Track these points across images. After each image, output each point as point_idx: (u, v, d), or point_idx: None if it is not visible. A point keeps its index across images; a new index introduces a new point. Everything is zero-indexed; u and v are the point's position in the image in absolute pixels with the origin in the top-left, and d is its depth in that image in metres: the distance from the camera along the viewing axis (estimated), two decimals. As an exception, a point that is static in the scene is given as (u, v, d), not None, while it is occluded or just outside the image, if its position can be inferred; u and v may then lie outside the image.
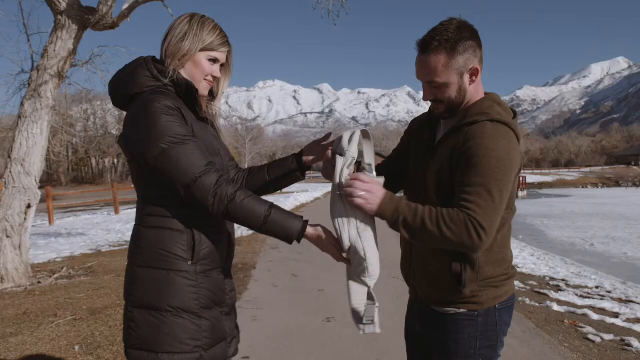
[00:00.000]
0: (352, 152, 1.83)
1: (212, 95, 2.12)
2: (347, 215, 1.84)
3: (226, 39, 2.00)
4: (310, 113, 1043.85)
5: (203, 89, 2.00)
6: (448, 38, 1.75)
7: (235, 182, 2.12)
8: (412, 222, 1.70)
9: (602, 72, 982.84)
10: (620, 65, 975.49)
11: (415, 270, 1.97)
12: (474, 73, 1.81)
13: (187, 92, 1.91)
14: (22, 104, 7.13)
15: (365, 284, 1.84)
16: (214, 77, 2.01)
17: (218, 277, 1.99)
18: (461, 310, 1.85)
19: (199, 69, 1.95)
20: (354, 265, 1.85)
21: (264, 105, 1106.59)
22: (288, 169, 2.18)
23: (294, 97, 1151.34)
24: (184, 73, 1.95)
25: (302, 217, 1.93)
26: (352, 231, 1.84)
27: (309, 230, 1.97)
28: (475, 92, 1.85)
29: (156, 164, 1.75)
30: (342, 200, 1.83)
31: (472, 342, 1.84)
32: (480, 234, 1.61)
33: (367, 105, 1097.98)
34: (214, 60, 1.98)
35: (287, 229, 1.88)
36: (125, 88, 1.90)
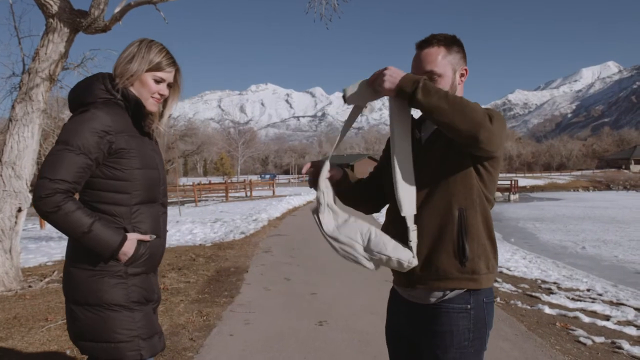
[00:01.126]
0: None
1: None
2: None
3: (172, 60, 2.22)
4: (303, 117, 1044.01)
5: (150, 105, 2.21)
6: (445, 38, 1.99)
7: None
8: (433, 88, 1.78)
9: (593, 76, 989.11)
10: (611, 69, 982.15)
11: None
12: (463, 74, 2.03)
13: (135, 108, 2.15)
14: (13, 107, 7.09)
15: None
16: (161, 95, 2.23)
17: (147, 277, 2.22)
18: (460, 292, 1.91)
19: (145, 88, 2.18)
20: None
21: (256, 109, 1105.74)
22: None
23: (287, 101, 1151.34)
24: (133, 90, 2.17)
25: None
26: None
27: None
28: (461, 93, 2.03)
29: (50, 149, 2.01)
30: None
31: (466, 334, 1.90)
32: (492, 121, 1.73)
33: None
34: (160, 81, 2.20)
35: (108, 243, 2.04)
36: (82, 97, 2.12)
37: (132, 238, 2.10)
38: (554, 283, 8.65)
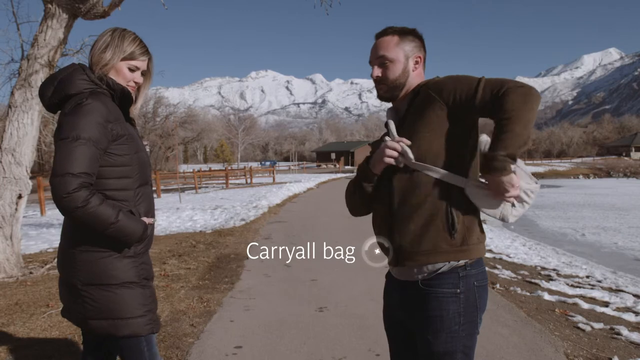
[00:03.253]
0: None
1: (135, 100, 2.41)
2: None
3: (146, 49, 2.30)
4: (303, 103, 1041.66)
5: None
6: (401, 29, 2.12)
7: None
8: (508, 145, 1.82)
9: (594, 63, 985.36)
10: (612, 56, 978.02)
11: (400, 226, 2.00)
12: (418, 61, 2.12)
13: (121, 96, 2.23)
14: (12, 93, 7.07)
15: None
16: (136, 83, 2.31)
17: (148, 255, 2.33)
18: (449, 267, 1.95)
19: (120, 76, 2.25)
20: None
21: (256, 96, 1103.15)
22: None
23: (287, 88, 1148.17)
24: None
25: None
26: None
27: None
28: (417, 78, 2.12)
29: (56, 148, 2.03)
30: None
31: (456, 319, 1.94)
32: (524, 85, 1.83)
33: (359, 95, 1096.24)
34: (134, 69, 2.28)
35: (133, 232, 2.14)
36: (66, 89, 2.13)
37: (145, 222, 2.21)
38: (554, 270, 8.67)
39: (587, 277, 8.39)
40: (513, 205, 1.92)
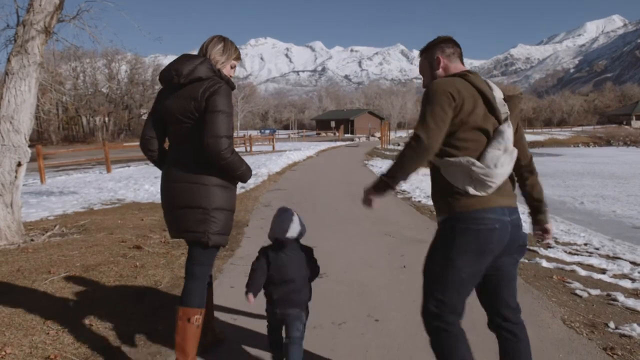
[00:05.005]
0: None
1: None
2: None
3: (239, 53, 3.26)
4: (303, 71, 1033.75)
5: None
6: (424, 48, 2.76)
7: None
8: (389, 173, 2.57)
9: (597, 30, 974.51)
10: (616, 23, 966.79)
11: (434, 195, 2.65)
12: (434, 61, 2.67)
13: (228, 83, 3.07)
14: (8, 60, 6.99)
15: None
16: (231, 76, 3.21)
17: None
18: (441, 217, 2.58)
19: (225, 70, 3.15)
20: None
21: (255, 64, 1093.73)
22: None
23: (286, 55, 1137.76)
24: None
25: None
26: None
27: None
28: (447, 70, 2.65)
29: (211, 118, 2.87)
30: None
31: (435, 245, 2.57)
32: (413, 142, 2.39)
33: (360, 63, 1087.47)
34: (233, 67, 3.25)
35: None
36: (199, 73, 2.96)
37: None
38: (552, 237, 8.71)
39: (585, 244, 8.43)
40: (473, 181, 2.42)
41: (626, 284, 5.48)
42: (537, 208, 2.82)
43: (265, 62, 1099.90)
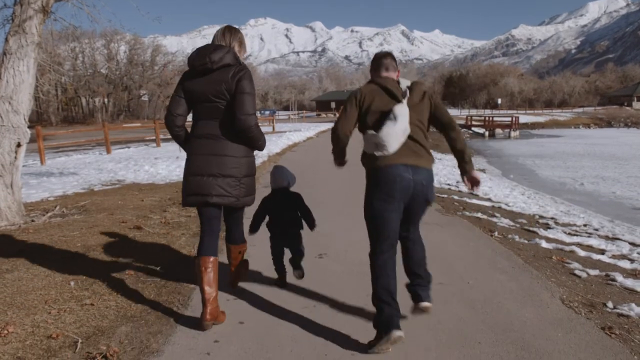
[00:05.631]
0: None
1: None
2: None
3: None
4: (303, 52, 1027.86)
5: None
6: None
7: None
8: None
9: (600, 10, 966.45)
10: (619, 3, 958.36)
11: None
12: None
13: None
14: (6, 40, 6.94)
15: None
16: None
17: None
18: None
19: (240, 57, 3.70)
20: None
21: (255, 44, 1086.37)
22: None
23: (286, 36, 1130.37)
24: None
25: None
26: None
27: None
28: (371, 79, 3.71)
29: (242, 99, 3.47)
30: None
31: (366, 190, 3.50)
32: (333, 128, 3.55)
33: (360, 44, 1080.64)
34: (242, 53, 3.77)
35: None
36: (227, 60, 3.51)
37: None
38: (552, 218, 8.74)
39: (585, 225, 8.46)
40: (376, 146, 3.32)
41: (625, 264, 5.51)
42: (461, 157, 3.56)
43: (265, 43, 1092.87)
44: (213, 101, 3.50)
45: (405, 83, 3.52)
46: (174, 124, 3.64)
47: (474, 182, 3.55)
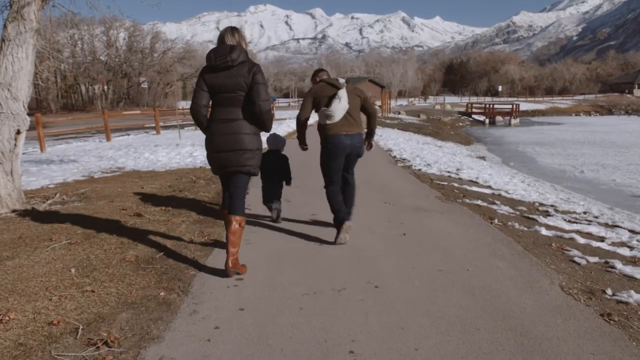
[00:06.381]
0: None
1: None
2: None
3: None
4: (303, 39, 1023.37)
5: None
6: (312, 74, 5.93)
7: None
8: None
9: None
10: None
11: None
12: (317, 80, 5.60)
13: None
14: (4, 26, 6.90)
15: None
16: None
17: None
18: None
19: None
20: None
21: (255, 31, 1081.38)
22: None
23: (286, 23, 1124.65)
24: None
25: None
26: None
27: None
28: (318, 81, 5.58)
29: (258, 88, 4.26)
30: None
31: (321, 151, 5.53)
32: (298, 114, 5.56)
33: (360, 31, 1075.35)
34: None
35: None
36: (242, 57, 4.28)
37: None
38: (552, 206, 8.75)
39: (585, 213, 8.47)
40: (326, 117, 5.17)
41: (624, 251, 5.52)
42: (370, 133, 5.65)
43: (265, 30, 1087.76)
44: (234, 92, 4.27)
45: (342, 80, 5.34)
46: (200, 113, 4.38)
47: (371, 147, 5.71)
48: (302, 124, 5.47)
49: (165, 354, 3.06)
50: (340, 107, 5.14)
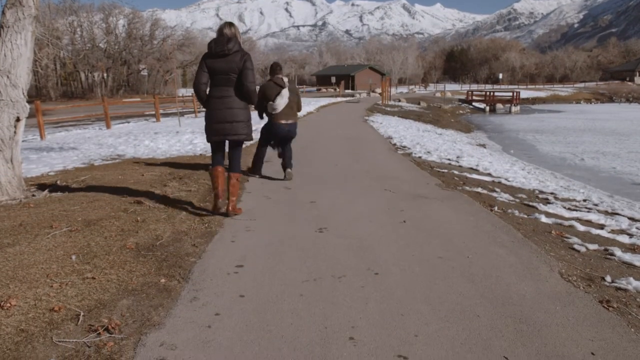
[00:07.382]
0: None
1: None
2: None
3: None
4: (303, 26, 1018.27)
5: None
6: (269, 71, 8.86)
7: None
8: None
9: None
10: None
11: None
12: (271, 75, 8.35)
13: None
14: (3, 13, 6.86)
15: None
16: None
17: None
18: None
19: None
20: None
21: (255, 18, 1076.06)
22: None
23: (286, 9, 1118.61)
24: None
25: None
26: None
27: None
28: (270, 78, 8.36)
29: (247, 73, 5.46)
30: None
31: (263, 129, 8.63)
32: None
33: (360, 18, 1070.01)
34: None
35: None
36: (236, 47, 5.43)
37: None
38: (551, 193, 8.75)
39: (584, 200, 8.48)
40: (271, 109, 8.04)
41: (624, 239, 5.54)
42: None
43: (265, 17, 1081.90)
44: (228, 74, 5.46)
45: (285, 79, 7.74)
46: (201, 89, 5.60)
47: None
48: (259, 108, 8.23)
49: (166, 340, 3.08)
50: (282, 101, 7.81)
